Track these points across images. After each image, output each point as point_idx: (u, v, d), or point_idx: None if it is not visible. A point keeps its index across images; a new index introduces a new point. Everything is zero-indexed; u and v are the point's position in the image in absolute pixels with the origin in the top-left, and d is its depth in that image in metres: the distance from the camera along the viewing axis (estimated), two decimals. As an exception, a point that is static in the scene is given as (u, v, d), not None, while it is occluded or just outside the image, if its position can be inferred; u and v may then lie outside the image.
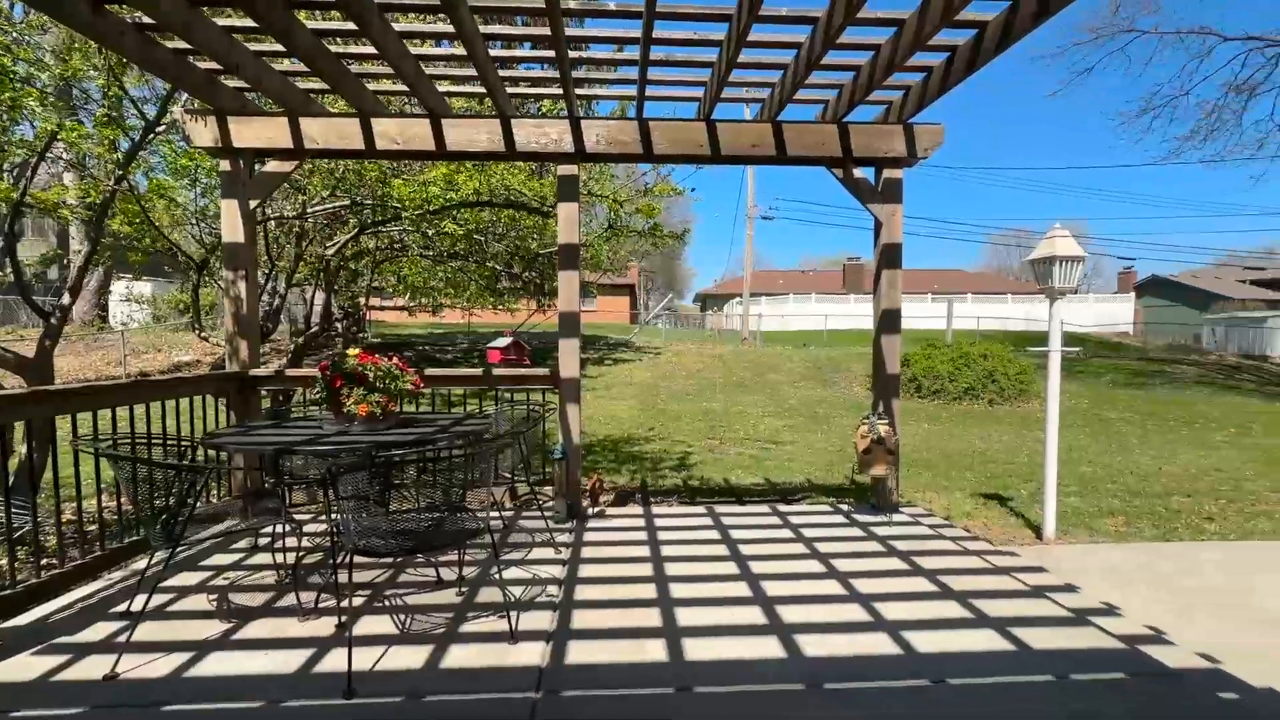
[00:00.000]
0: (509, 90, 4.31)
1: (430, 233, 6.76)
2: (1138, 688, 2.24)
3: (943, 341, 16.31)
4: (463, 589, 3.01)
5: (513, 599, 2.91)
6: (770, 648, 2.45)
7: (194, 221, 6.16)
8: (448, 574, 3.17)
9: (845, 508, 4.51)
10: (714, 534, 3.92)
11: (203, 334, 6.55)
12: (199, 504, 2.73)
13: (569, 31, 3.39)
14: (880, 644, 2.48)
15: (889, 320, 4.40)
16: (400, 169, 6.21)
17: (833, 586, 3.07)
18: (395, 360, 3.18)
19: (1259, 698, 2.37)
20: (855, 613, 2.77)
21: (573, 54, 3.80)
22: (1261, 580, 3.89)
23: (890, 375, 4.38)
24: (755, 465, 7.39)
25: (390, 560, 3.30)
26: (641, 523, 4.18)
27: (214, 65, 3.75)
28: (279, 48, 3.57)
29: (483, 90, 4.04)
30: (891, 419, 4.28)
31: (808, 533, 3.92)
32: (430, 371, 4.14)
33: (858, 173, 4.33)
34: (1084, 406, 12.97)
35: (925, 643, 2.49)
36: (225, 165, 4.21)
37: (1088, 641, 2.58)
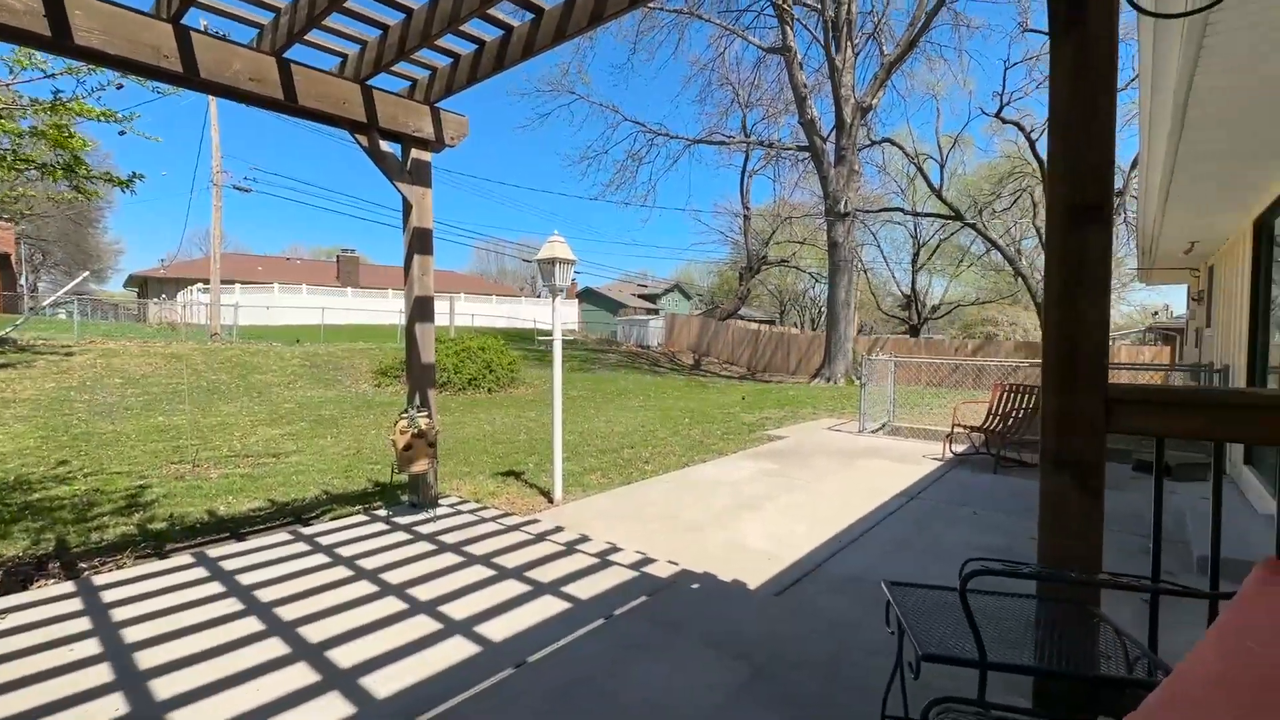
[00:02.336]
0: None
1: None
2: (655, 602, 2.80)
3: (447, 336, 17.17)
4: None
5: None
6: (333, 708, 1.94)
7: None
8: None
9: (383, 512, 4.11)
10: (213, 587, 2.92)
11: None
12: None
13: None
14: (459, 650, 2.31)
15: (422, 308, 4.22)
16: None
17: (392, 605, 2.71)
18: None
19: (706, 580, 3.32)
20: (424, 625, 2.51)
21: None
22: (682, 499, 5.55)
23: (426, 365, 4.22)
24: (253, 486, 6.01)
25: None
26: (75, 605, 2.74)
27: None
28: None
29: None
30: (430, 410, 4.13)
31: (346, 551, 3.38)
32: None
33: (385, 146, 3.97)
34: (556, 388, 15.94)
35: (499, 630, 2.46)
36: None
37: (613, 580, 3.08)
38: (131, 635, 2.45)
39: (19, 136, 4.51)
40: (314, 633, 2.46)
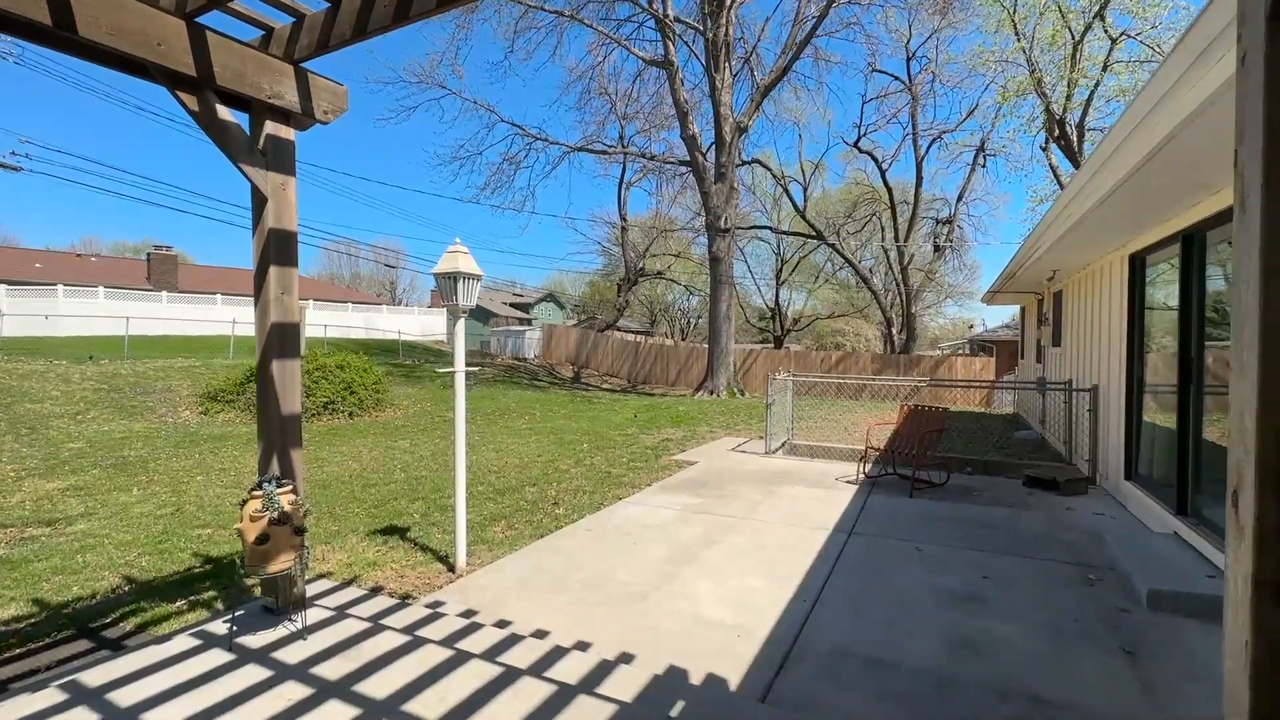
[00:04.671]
0: None
1: None
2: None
3: (295, 352, 14.79)
4: None
5: None
6: None
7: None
8: None
9: (224, 627, 2.91)
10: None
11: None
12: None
13: None
14: None
15: (282, 339, 3.09)
16: None
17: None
18: None
19: (682, 687, 2.64)
20: None
21: None
22: (609, 554, 4.78)
23: (289, 417, 3.09)
24: (10, 578, 4.29)
25: None
26: None
27: None
28: None
29: None
30: (296, 481, 3.01)
31: (165, 715, 2.22)
32: None
33: (225, 113, 2.83)
34: (430, 409, 14.34)
35: None
36: None
37: (575, 712, 2.28)
38: None
39: None
40: None
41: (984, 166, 27.07)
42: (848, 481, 7.07)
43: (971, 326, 46.40)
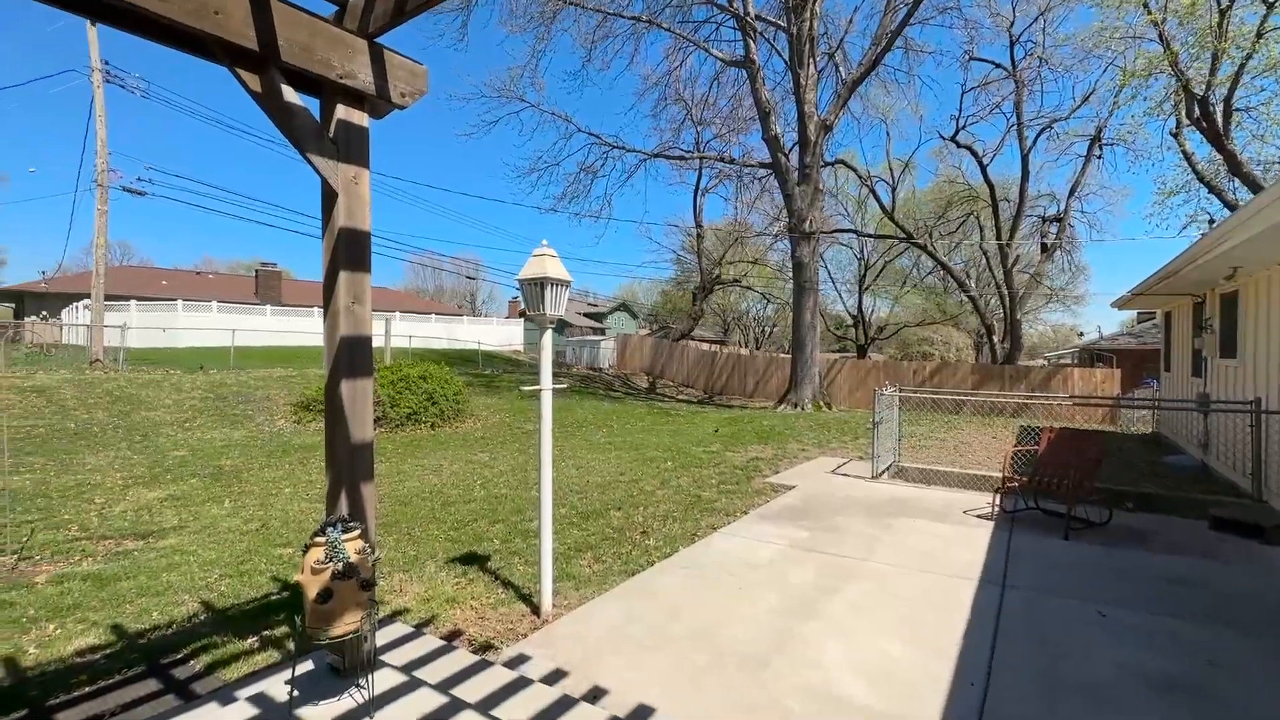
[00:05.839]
0: None
1: None
2: None
3: (382, 362, 15.18)
4: None
5: None
6: None
7: None
8: None
9: (283, 690, 2.50)
10: None
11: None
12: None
13: None
14: None
15: (353, 355, 2.69)
16: None
17: None
18: None
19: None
20: None
21: None
22: (713, 600, 4.14)
23: (359, 445, 2.68)
24: (97, 598, 4.19)
25: None
26: None
27: None
28: None
29: None
30: (366, 523, 2.58)
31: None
32: None
33: (291, 94, 2.46)
34: (508, 420, 14.22)
35: None
36: None
37: None
38: None
39: None
40: None
41: (1099, 157, 24.37)
42: (979, 515, 6.08)
43: (1081, 334, 42.20)
